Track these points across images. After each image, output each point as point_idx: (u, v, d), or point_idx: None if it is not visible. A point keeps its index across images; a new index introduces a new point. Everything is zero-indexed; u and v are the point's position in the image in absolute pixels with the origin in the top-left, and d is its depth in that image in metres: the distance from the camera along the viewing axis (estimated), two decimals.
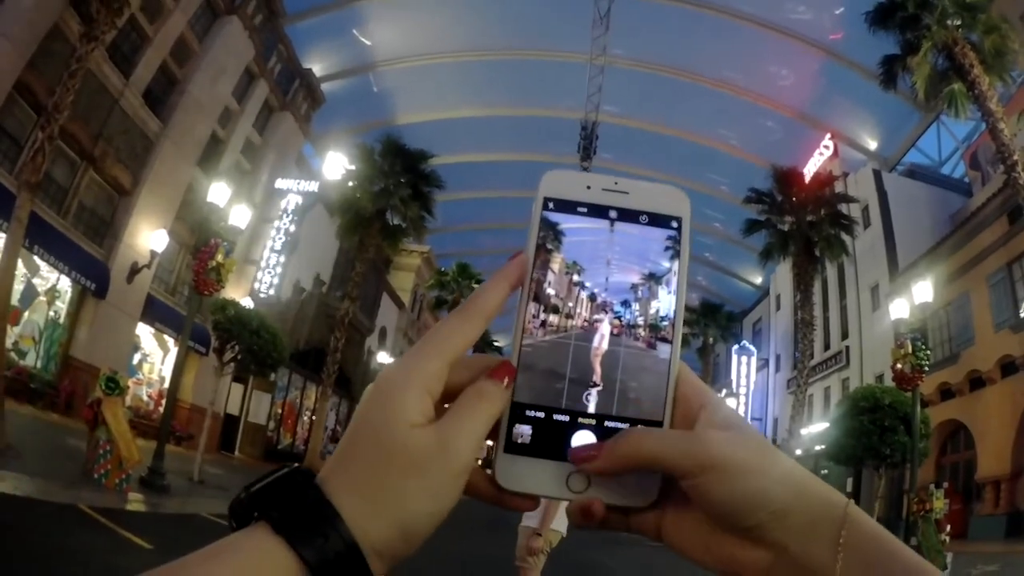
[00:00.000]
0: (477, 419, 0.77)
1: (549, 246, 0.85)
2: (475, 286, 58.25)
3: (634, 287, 0.88)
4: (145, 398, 33.04)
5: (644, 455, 0.76)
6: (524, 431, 0.82)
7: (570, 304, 0.88)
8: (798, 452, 38.07)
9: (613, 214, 0.86)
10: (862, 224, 43.09)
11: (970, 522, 30.51)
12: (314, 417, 41.76)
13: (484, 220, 66.35)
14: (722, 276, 73.20)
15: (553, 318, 0.86)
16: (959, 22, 24.50)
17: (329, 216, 40.95)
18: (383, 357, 52.38)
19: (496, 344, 72.29)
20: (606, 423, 0.82)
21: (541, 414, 0.82)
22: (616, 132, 55.63)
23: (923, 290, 23.48)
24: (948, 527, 19.28)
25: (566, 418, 0.82)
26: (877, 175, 46.36)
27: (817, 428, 42.14)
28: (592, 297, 0.88)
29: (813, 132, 52.32)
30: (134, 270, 29.68)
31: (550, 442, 0.82)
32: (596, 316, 0.87)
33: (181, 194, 32.55)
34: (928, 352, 23.44)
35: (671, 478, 0.78)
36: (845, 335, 48.29)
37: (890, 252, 43.24)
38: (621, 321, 0.87)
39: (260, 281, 39.99)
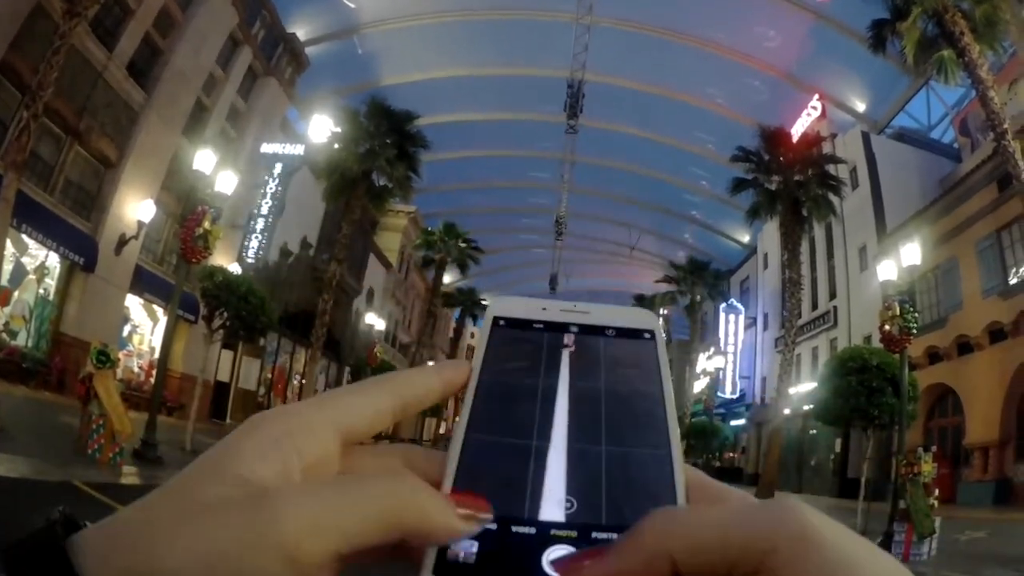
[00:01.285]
0: (367, 502, 0.53)
1: (488, 373, 0.69)
2: (462, 245, 58.88)
3: (596, 408, 0.67)
4: (136, 369, 33.07)
5: (692, 538, 0.51)
6: (465, 547, 0.58)
7: (516, 433, 0.65)
8: (786, 411, 38.31)
9: (574, 328, 0.73)
10: (850, 185, 43.09)
11: (958, 487, 30.83)
12: (303, 381, 41.85)
13: (471, 179, 66.42)
14: (709, 234, 73.14)
15: (500, 415, 0.66)
16: None
17: (315, 179, 40.88)
18: (371, 318, 52.41)
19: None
20: (593, 535, 0.58)
21: (493, 525, 0.59)
22: (603, 91, 55.35)
23: (911, 252, 23.30)
24: (936, 491, 19.32)
25: (531, 530, 0.59)
26: (865, 137, 46.36)
27: (805, 388, 42.38)
28: (544, 422, 0.66)
29: (801, 93, 52.38)
30: (121, 241, 29.65)
31: (508, 564, 0.58)
32: (549, 446, 0.64)
33: (167, 163, 32.47)
34: (916, 315, 23.40)
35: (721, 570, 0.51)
36: (833, 295, 48.55)
37: (878, 213, 43.32)
38: (580, 453, 0.64)
39: (247, 246, 40.13)
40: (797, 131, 46.22)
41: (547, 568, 0.56)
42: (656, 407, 0.66)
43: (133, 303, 32.70)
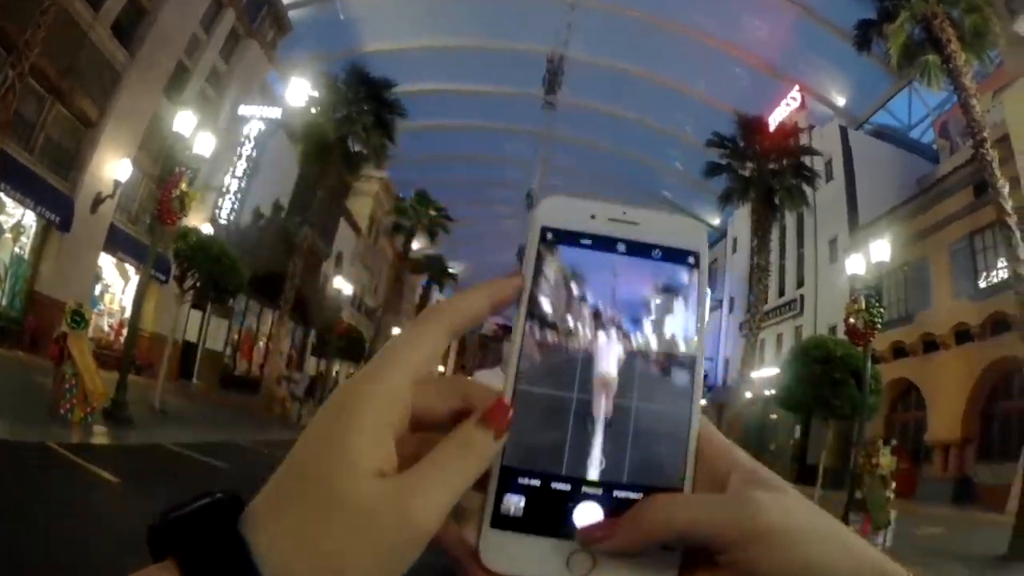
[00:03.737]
0: (450, 479, 0.64)
1: (540, 295, 0.72)
2: (433, 213, 58.90)
3: (637, 339, 0.72)
4: (106, 328, 33.09)
5: (677, 526, 0.64)
6: (516, 502, 0.68)
7: (563, 357, 0.71)
8: (748, 395, 38.70)
9: (621, 247, 0.74)
10: (824, 177, 43.44)
11: (918, 483, 31.24)
12: (270, 344, 41.93)
13: (445, 150, 66.40)
14: (679, 215, 73.45)
15: (543, 372, 0.70)
16: None
17: (290, 142, 40.91)
18: (339, 282, 52.42)
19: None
20: (616, 493, 0.69)
21: (537, 481, 0.69)
22: (583, 70, 55.65)
23: (880, 249, 23.80)
24: (894, 484, 19.58)
25: (568, 486, 0.69)
26: (843, 131, 46.74)
27: (768, 373, 42.75)
28: (588, 350, 0.71)
29: (781, 84, 52.59)
30: (97, 200, 29.67)
31: (548, 516, 0.68)
32: (594, 370, 0.70)
33: (146, 124, 32.45)
34: (882, 310, 23.85)
35: (696, 551, 0.66)
36: (801, 283, 49.02)
37: (851, 207, 43.79)
38: (623, 377, 0.71)
39: (221, 207, 40.14)
40: (775, 120, 46.54)
41: (577, 523, 0.66)
42: (688, 353, 0.71)
43: (106, 262, 32.72)
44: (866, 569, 0.61)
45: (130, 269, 34.15)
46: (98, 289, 32.64)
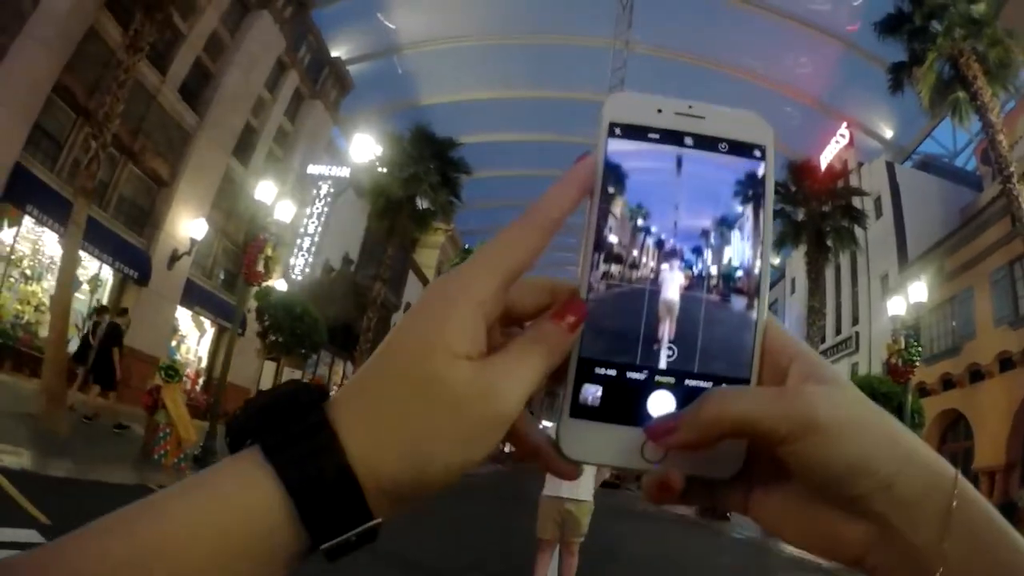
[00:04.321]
0: (531, 366, 0.66)
1: (609, 186, 0.73)
2: None
3: (706, 233, 0.74)
4: (184, 378, 34.28)
5: (733, 420, 0.64)
6: (593, 392, 0.70)
7: (635, 251, 0.73)
8: None
9: (688, 141, 0.75)
10: (874, 214, 44.00)
11: None
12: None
13: (505, 197, 66.83)
14: (746, 111, 73.27)
15: (617, 266, 0.72)
16: (965, 32, 25.10)
17: (357, 197, 42.02)
18: None
19: None
20: (686, 382, 0.71)
21: (613, 372, 0.70)
22: None
23: (918, 290, 24.69)
24: None
25: (641, 376, 0.70)
26: (890, 167, 47.18)
27: None
28: (660, 243, 0.73)
29: (830, 119, 52.93)
30: (174, 257, 30.82)
31: (623, 405, 0.70)
32: (665, 264, 0.73)
33: (217, 182, 33.65)
34: (919, 348, 24.51)
35: (761, 443, 0.66)
36: (856, 321, 49.07)
37: (900, 243, 44.16)
38: (693, 270, 0.73)
39: (295, 264, 41.32)
40: (825, 158, 47.09)
41: (651, 412, 0.70)
42: (754, 246, 0.73)
43: (182, 314, 33.75)
44: (914, 464, 0.63)
45: (205, 321, 35.35)
46: (174, 341, 33.61)
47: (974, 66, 24.67)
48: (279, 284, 30.95)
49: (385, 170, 36.49)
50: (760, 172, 0.75)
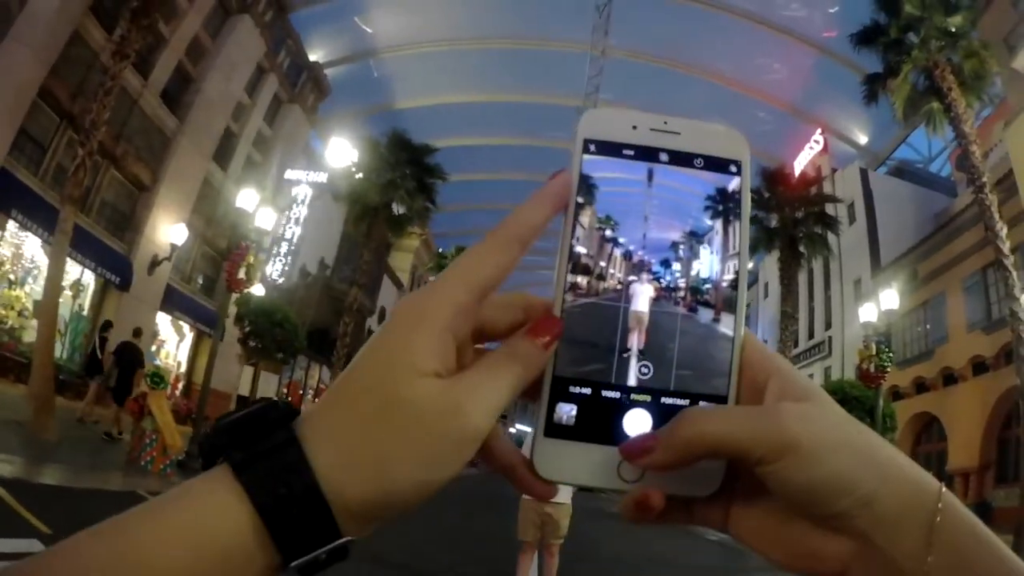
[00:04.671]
0: (502, 383, 0.66)
1: (581, 199, 0.73)
2: None
3: (681, 249, 0.75)
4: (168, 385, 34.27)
5: (709, 441, 0.64)
6: (568, 411, 0.70)
7: (610, 269, 0.74)
8: None
9: (664, 157, 0.75)
10: (847, 220, 44.50)
11: None
12: (318, 396, 42.91)
13: (480, 200, 66.87)
14: (722, 125, 73.40)
15: (592, 284, 0.73)
16: (941, 44, 25.25)
17: (333, 201, 42.11)
18: None
19: None
20: (663, 400, 0.71)
21: (588, 390, 0.70)
22: None
23: (889, 297, 25.20)
24: None
25: (616, 395, 0.70)
26: (863, 173, 47.56)
27: None
28: (634, 261, 0.75)
29: (804, 125, 53.39)
30: (154, 262, 30.88)
31: (598, 424, 0.70)
32: (640, 281, 0.74)
33: (197, 187, 33.80)
34: (891, 354, 24.95)
35: (739, 463, 0.67)
36: (829, 325, 49.36)
37: (873, 248, 44.54)
38: (667, 287, 0.74)
39: (272, 269, 41.43)
40: (799, 163, 47.68)
41: (627, 431, 0.70)
42: (731, 261, 0.74)
43: (162, 320, 33.76)
44: (895, 480, 0.63)
45: (184, 326, 35.38)
46: (154, 346, 33.41)
47: (949, 77, 24.72)
48: (256, 289, 31.01)
49: (362, 176, 36.55)
50: (736, 187, 0.76)
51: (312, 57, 45.37)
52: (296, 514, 0.58)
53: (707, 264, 0.76)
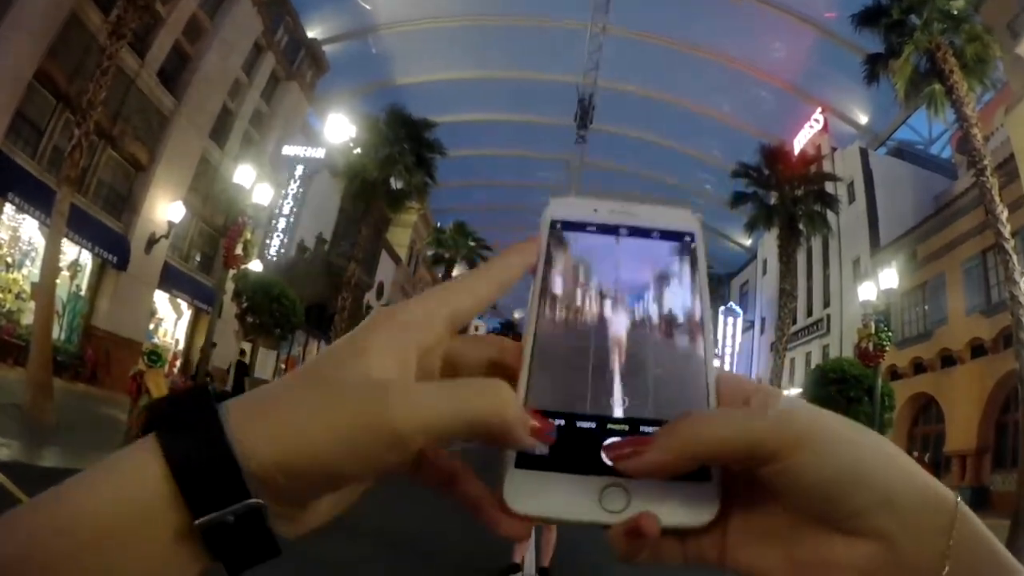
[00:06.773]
0: (453, 404, 0.59)
1: (551, 269, 0.74)
2: (471, 244, 59.62)
3: (642, 296, 0.74)
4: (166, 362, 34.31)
5: (712, 439, 0.60)
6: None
7: (579, 299, 0.74)
8: None
9: (623, 231, 0.76)
10: (847, 199, 44.62)
11: None
12: None
13: (478, 177, 66.80)
14: (712, 237, 72.71)
15: (564, 313, 0.72)
16: (944, 26, 25.09)
17: (331, 177, 42.05)
18: None
19: None
20: (641, 428, 0.67)
21: (562, 421, 0.66)
22: (612, 97, 56.38)
23: (888, 277, 25.12)
24: None
25: (592, 424, 0.67)
26: (864, 154, 47.51)
27: (796, 391, 43.29)
28: (602, 292, 0.74)
29: (805, 104, 53.42)
30: (152, 241, 30.94)
31: (575, 453, 0.66)
32: (609, 307, 0.73)
33: (194, 166, 33.83)
34: (890, 334, 25.13)
35: (733, 480, 0.64)
36: (827, 303, 49.48)
37: (872, 228, 44.61)
38: (635, 312, 0.73)
39: (269, 245, 41.49)
40: (799, 143, 47.62)
41: (605, 458, 0.65)
42: (694, 309, 0.73)
43: (159, 298, 33.86)
44: (912, 482, 0.59)
45: (182, 303, 35.47)
46: (152, 324, 33.69)
47: (951, 60, 24.53)
48: (254, 265, 30.98)
49: (360, 151, 36.50)
50: (691, 247, 0.77)
51: (310, 34, 45.18)
52: (201, 466, 0.56)
53: (679, 297, 0.75)
